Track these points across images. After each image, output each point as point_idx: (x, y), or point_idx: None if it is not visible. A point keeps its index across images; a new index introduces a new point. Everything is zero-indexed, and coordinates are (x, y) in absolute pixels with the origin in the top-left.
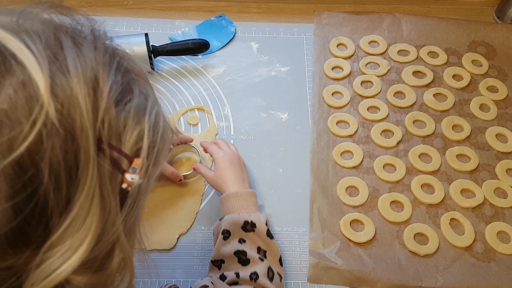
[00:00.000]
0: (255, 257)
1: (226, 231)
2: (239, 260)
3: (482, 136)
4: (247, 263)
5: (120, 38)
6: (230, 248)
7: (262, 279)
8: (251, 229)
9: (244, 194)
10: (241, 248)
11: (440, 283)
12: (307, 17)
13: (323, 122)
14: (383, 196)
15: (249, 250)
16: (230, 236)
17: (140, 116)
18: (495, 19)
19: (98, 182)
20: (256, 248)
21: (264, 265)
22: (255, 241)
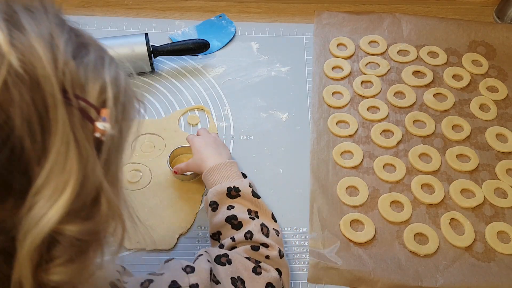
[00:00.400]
0: (246, 218)
1: (213, 202)
2: (232, 226)
3: (482, 136)
4: (240, 226)
5: (120, 38)
6: (221, 216)
7: (257, 235)
8: (236, 194)
9: (223, 165)
10: (231, 214)
11: (440, 283)
12: (307, 17)
13: (323, 122)
14: (383, 196)
15: (239, 214)
16: (218, 206)
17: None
18: (495, 19)
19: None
20: (246, 211)
21: (257, 223)
22: (243, 205)
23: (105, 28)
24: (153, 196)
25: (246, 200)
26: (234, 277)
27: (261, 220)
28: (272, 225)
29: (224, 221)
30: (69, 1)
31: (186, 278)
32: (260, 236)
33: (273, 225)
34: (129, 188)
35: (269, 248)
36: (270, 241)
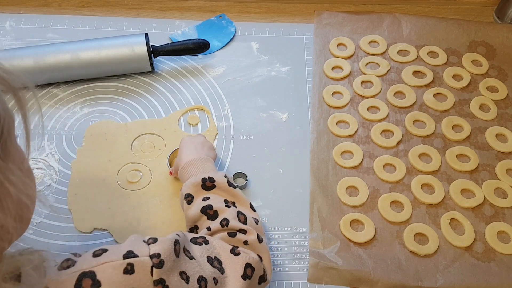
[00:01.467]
0: (222, 207)
1: (187, 195)
2: (208, 217)
3: (482, 136)
4: (216, 215)
5: (120, 38)
6: (196, 208)
7: (233, 222)
8: (212, 185)
9: (198, 160)
10: (206, 204)
11: (440, 283)
12: (307, 17)
13: (323, 122)
14: (383, 196)
15: (215, 203)
16: (193, 198)
17: None
18: (495, 19)
19: None
20: (222, 201)
21: (233, 210)
22: (219, 196)
23: (105, 28)
24: (153, 196)
25: (222, 191)
26: (211, 256)
27: (238, 209)
28: (251, 214)
29: (200, 213)
30: (69, 1)
31: (145, 248)
32: (237, 222)
33: (251, 214)
34: (129, 188)
35: (247, 233)
36: (247, 227)
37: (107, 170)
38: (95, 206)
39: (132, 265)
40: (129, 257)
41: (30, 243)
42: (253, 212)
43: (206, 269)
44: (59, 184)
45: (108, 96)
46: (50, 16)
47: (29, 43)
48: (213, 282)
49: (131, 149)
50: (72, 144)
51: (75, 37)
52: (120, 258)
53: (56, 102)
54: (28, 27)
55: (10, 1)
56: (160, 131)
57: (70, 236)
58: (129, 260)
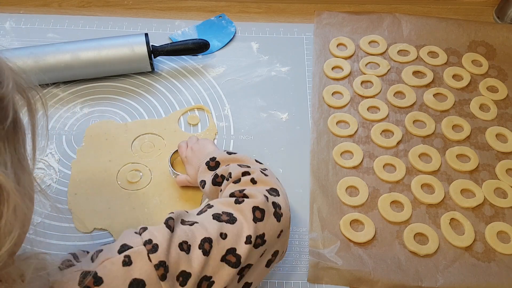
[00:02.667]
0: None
1: (201, 181)
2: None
3: (482, 136)
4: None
5: (120, 38)
6: (208, 185)
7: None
8: (215, 164)
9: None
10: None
11: (440, 283)
12: (307, 17)
13: (323, 122)
14: (383, 196)
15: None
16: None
17: None
18: (495, 19)
19: None
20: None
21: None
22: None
23: (105, 28)
24: (153, 196)
25: (224, 162)
26: (217, 212)
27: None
28: (257, 166)
29: (212, 185)
30: (69, 1)
31: (137, 238)
32: (240, 169)
33: (257, 165)
34: (129, 188)
35: (251, 174)
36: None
37: (107, 170)
38: (95, 206)
39: (129, 257)
40: (124, 251)
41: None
42: (259, 164)
43: (211, 228)
44: (59, 184)
45: (108, 96)
46: (50, 16)
47: (29, 43)
48: (219, 237)
49: (131, 149)
50: (72, 144)
51: (75, 37)
52: (116, 254)
53: (56, 102)
54: (28, 27)
55: (10, 1)
56: (160, 131)
57: (70, 236)
58: (124, 253)
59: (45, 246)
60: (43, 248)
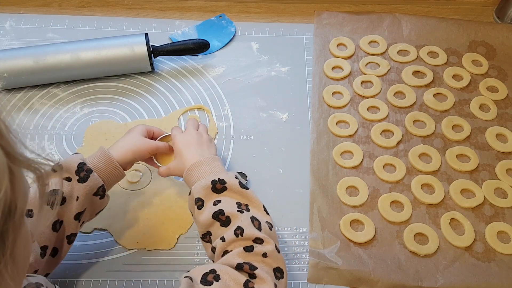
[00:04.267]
0: (234, 213)
1: (198, 199)
2: (221, 223)
3: (482, 136)
4: (229, 222)
5: (120, 38)
6: (207, 214)
7: (248, 230)
8: (222, 187)
9: (205, 160)
10: (217, 209)
11: (440, 283)
12: (307, 17)
13: (323, 122)
14: (383, 196)
15: (227, 208)
16: (204, 202)
17: None
18: (495, 19)
19: None
20: (235, 204)
21: (246, 216)
22: (231, 198)
23: (105, 28)
24: (153, 196)
25: (233, 193)
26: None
27: (252, 213)
28: (265, 218)
29: (212, 219)
30: (69, 1)
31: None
32: (252, 230)
33: (265, 218)
34: (129, 188)
35: (264, 243)
36: (263, 235)
37: None
38: None
39: None
40: None
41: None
42: (266, 216)
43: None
44: None
45: (108, 96)
46: (50, 16)
47: (29, 43)
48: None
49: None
50: (72, 144)
51: (75, 37)
52: None
53: (56, 102)
54: (28, 27)
55: (10, 1)
56: None
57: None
58: None
59: None
60: None
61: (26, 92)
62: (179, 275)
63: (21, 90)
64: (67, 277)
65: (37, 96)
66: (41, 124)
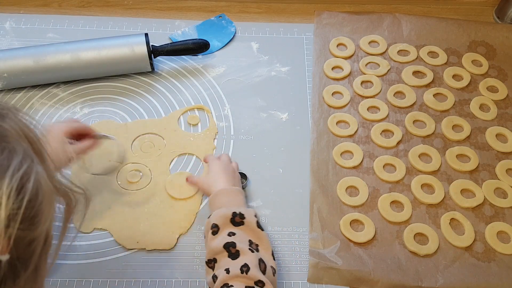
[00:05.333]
0: (245, 249)
1: (214, 225)
2: (229, 254)
3: (482, 136)
4: (237, 255)
5: (120, 38)
6: (219, 241)
7: (254, 271)
8: (240, 221)
9: (232, 191)
10: (231, 240)
11: (440, 283)
12: (307, 17)
13: (323, 122)
14: (383, 196)
15: (239, 242)
16: (219, 230)
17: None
18: (495, 19)
19: None
20: (247, 241)
21: (255, 256)
22: (245, 234)
23: (105, 28)
24: (153, 196)
25: (249, 230)
26: None
27: (260, 255)
28: (271, 263)
29: (222, 247)
30: (69, 1)
31: None
32: (257, 272)
33: (271, 263)
34: (129, 188)
35: (264, 287)
36: (265, 279)
37: None
38: (95, 206)
39: None
40: None
41: None
42: (273, 261)
43: None
44: None
45: (108, 96)
46: (50, 16)
47: (29, 43)
48: None
49: (131, 149)
50: None
51: (75, 37)
52: None
53: (56, 102)
54: (28, 27)
55: (10, 1)
56: (160, 131)
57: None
58: None
59: None
60: None
61: (26, 92)
62: (179, 275)
63: (21, 90)
64: (67, 277)
65: (37, 96)
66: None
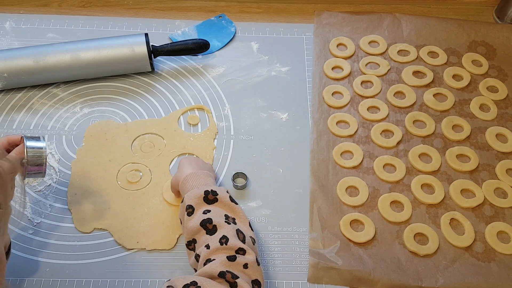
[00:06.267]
0: (221, 223)
1: (189, 206)
2: (207, 231)
3: (482, 136)
4: (215, 230)
5: (120, 38)
6: (196, 221)
7: (233, 240)
8: (214, 198)
9: (201, 173)
10: (206, 217)
11: (440, 283)
12: (307, 17)
13: (323, 122)
14: (383, 196)
15: (215, 217)
16: (194, 210)
17: None
18: (495, 19)
19: None
20: (223, 215)
21: (232, 227)
22: (220, 209)
23: (105, 28)
24: (153, 196)
25: (223, 205)
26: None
27: (238, 226)
28: (249, 233)
29: (199, 225)
30: (69, 1)
31: None
32: (236, 240)
33: (250, 233)
34: (129, 188)
35: (246, 254)
36: (246, 246)
37: (107, 170)
38: (95, 206)
39: None
40: None
41: (30, 243)
42: (251, 231)
43: None
44: (59, 184)
45: (108, 96)
46: (50, 16)
47: (29, 43)
48: None
49: (131, 149)
50: (72, 144)
51: (75, 37)
52: None
53: (56, 102)
54: (28, 27)
55: (10, 1)
56: (160, 131)
57: (70, 236)
58: None
59: (45, 246)
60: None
61: (26, 92)
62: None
63: (21, 90)
64: (67, 277)
65: (37, 96)
66: (41, 124)
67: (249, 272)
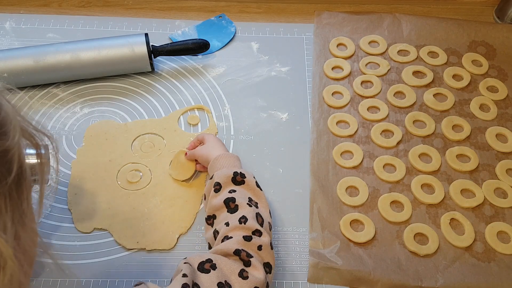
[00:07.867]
0: (243, 203)
1: (217, 183)
2: (228, 209)
3: (482, 136)
4: (236, 209)
5: (120, 38)
6: (220, 198)
7: (251, 221)
8: (241, 180)
9: (231, 155)
10: (231, 196)
11: (440, 283)
12: (307, 17)
13: (323, 122)
14: (383, 196)
15: (239, 198)
16: (221, 188)
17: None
18: (495, 19)
19: None
20: (247, 198)
21: (253, 210)
22: (245, 191)
23: (105, 28)
24: (153, 196)
25: (249, 188)
26: (221, 281)
27: (259, 210)
28: (268, 219)
29: (222, 203)
30: (69, 1)
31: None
32: (254, 222)
33: (268, 219)
34: (129, 188)
35: (261, 236)
36: (262, 229)
37: (107, 170)
38: (95, 206)
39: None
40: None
41: None
42: (269, 218)
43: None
44: (59, 184)
45: (108, 96)
46: (50, 16)
47: (29, 43)
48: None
49: (131, 149)
50: (72, 144)
51: (75, 37)
52: None
53: (56, 102)
54: (28, 27)
55: (10, 1)
56: (160, 131)
57: (70, 236)
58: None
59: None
60: None
61: (26, 92)
62: None
63: (21, 90)
64: (67, 277)
65: (37, 96)
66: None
67: (263, 254)
